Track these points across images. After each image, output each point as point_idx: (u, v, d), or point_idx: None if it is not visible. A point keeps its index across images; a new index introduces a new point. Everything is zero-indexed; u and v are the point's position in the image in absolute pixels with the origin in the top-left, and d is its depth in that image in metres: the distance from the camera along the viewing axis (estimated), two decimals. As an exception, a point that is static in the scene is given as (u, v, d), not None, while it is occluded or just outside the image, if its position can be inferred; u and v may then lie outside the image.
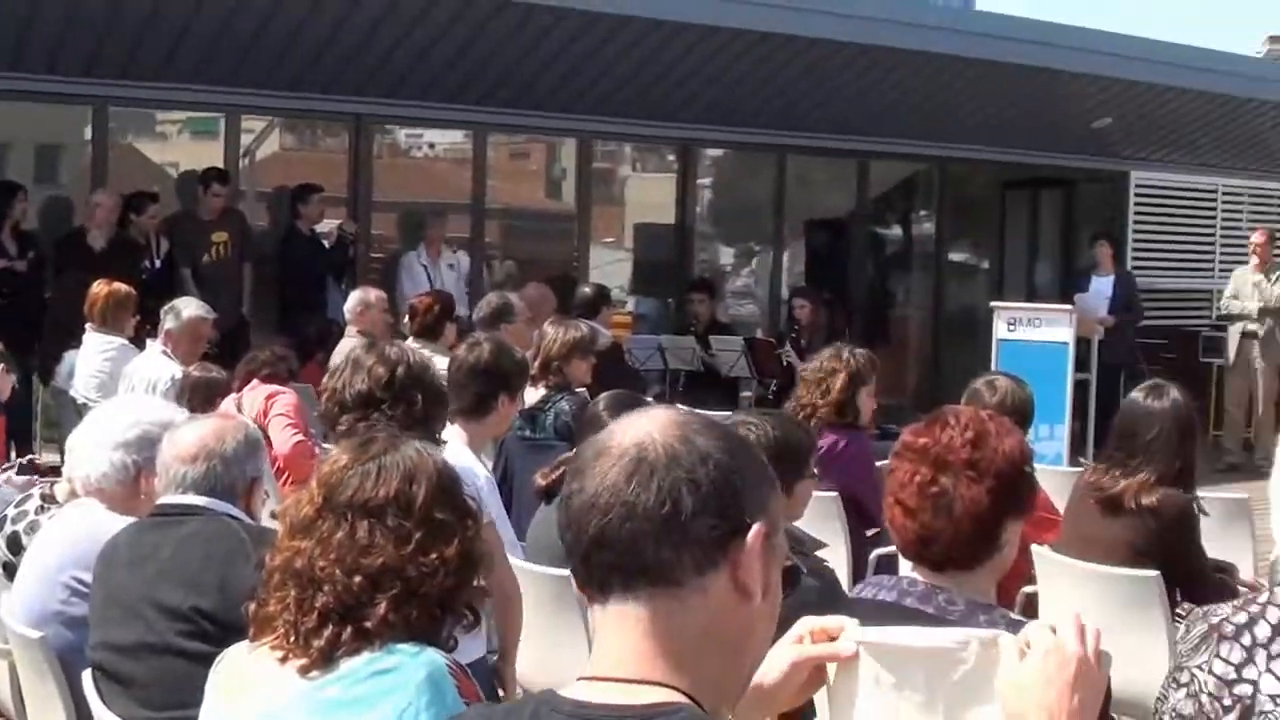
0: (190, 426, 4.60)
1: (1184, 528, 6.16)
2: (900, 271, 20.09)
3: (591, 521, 2.02)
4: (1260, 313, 16.10)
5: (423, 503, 3.29)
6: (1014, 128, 18.33)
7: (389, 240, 15.97)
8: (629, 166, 18.80)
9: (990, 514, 3.37)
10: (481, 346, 6.52)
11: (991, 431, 3.44)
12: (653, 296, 17.72)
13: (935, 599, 3.52)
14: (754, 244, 18.92)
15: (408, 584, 3.20)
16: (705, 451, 2.04)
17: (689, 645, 2.03)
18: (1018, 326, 14.14)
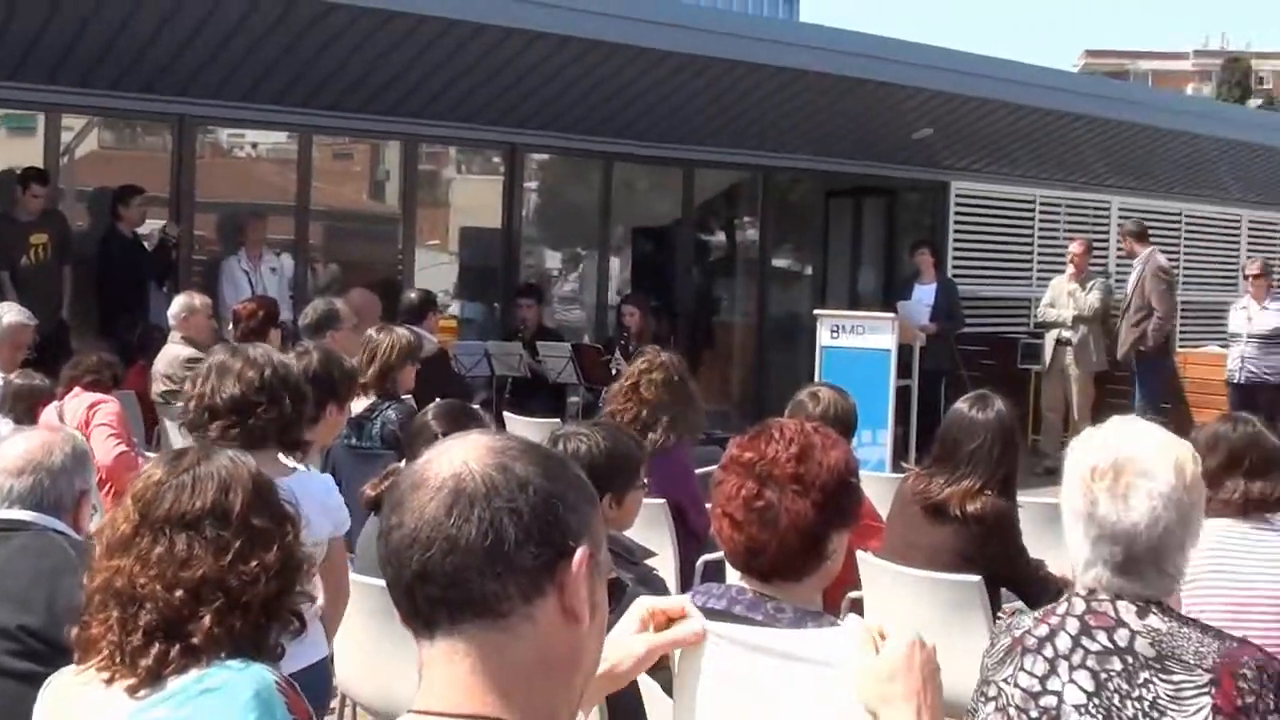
0: (16, 439, 4.52)
1: (1006, 533, 6.31)
2: (725, 278, 20.23)
3: (413, 557, 1.97)
4: (1075, 320, 16.48)
5: (239, 511, 3.27)
6: (837, 137, 18.55)
7: (212, 243, 15.72)
8: (454, 169, 18.74)
9: (815, 527, 3.40)
10: (310, 355, 6.50)
11: (816, 445, 3.48)
12: (479, 301, 17.64)
13: (763, 607, 3.57)
14: (580, 250, 18.94)
15: (230, 594, 3.18)
16: (524, 478, 2.00)
17: (520, 676, 2.00)
18: (840, 333, 14.34)
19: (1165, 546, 3.25)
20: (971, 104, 18.45)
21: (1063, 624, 3.31)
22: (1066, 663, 3.26)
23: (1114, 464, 3.28)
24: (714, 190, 19.95)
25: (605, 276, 18.17)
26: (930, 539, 6.34)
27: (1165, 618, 3.24)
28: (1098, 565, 3.28)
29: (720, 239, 20.63)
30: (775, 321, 19.60)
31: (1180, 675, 3.15)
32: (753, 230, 19.99)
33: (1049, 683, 3.27)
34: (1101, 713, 3.17)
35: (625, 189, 18.77)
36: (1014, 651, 3.37)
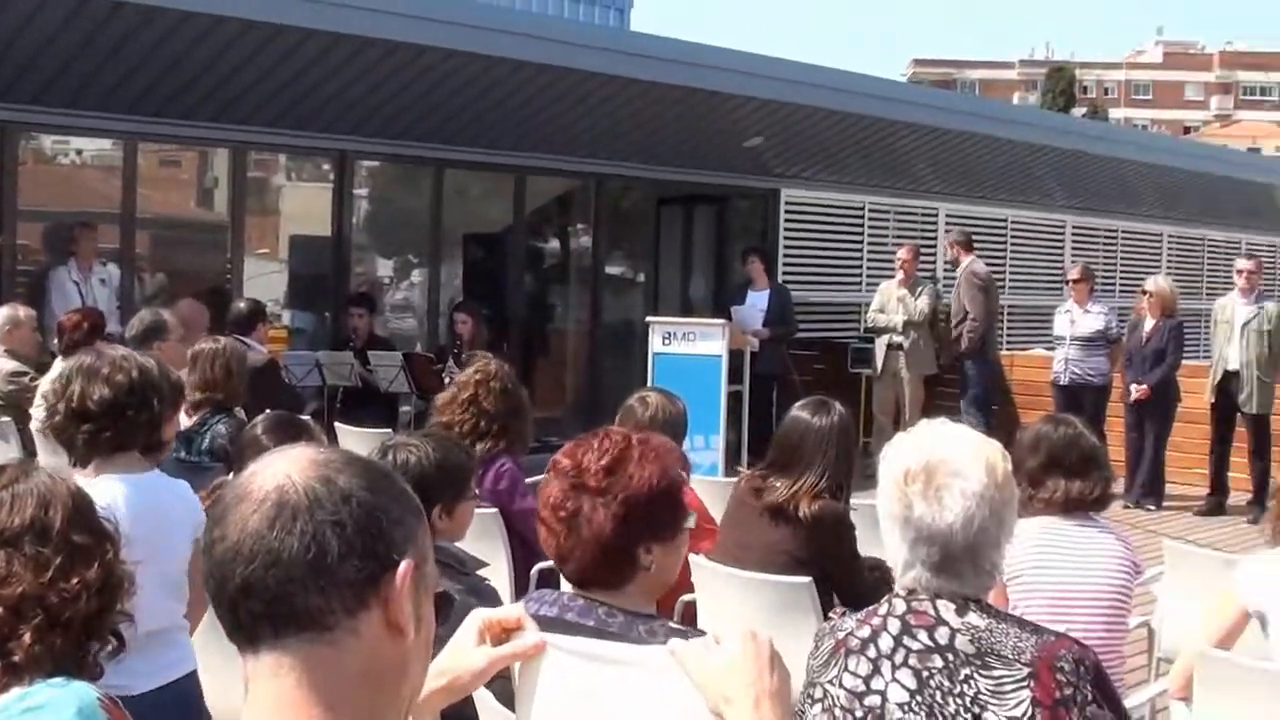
0: None
1: (841, 536, 6.40)
2: (558, 285, 20.21)
3: (236, 570, 1.95)
4: (905, 325, 16.70)
5: (60, 528, 3.23)
6: (668, 145, 18.64)
7: (36, 253, 15.41)
8: (284, 176, 18.54)
9: (617, 539, 3.42)
10: None
11: (632, 457, 3.50)
12: (309, 310, 17.45)
13: (594, 613, 3.60)
14: (412, 257, 18.82)
15: (50, 612, 3.14)
16: (347, 491, 1.99)
17: (345, 689, 1.99)
18: (672, 340, 14.43)
19: (981, 545, 3.32)
20: (801, 112, 18.62)
21: (884, 624, 3.37)
22: (889, 662, 3.31)
23: (926, 466, 3.34)
24: (546, 197, 19.93)
25: (437, 284, 18.07)
26: (765, 540, 6.41)
27: (984, 615, 3.30)
28: (916, 566, 3.34)
29: (553, 246, 20.61)
30: (608, 328, 19.63)
31: (1000, 670, 3.20)
32: (585, 237, 19.99)
33: (873, 682, 3.32)
34: (925, 710, 3.22)
35: (457, 196, 18.68)
36: (838, 653, 3.42)
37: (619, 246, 20.63)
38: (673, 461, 3.57)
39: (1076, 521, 5.76)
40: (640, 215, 20.50)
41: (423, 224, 17.97)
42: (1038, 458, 5.81)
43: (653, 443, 3.62)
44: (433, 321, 17.94)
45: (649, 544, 3.48)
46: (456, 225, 18.54)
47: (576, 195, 19.88)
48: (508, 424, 7.51)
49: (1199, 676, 5.05)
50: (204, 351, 8.48)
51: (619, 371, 18.87)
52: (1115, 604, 5.61)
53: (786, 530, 6.37)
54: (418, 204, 18.17)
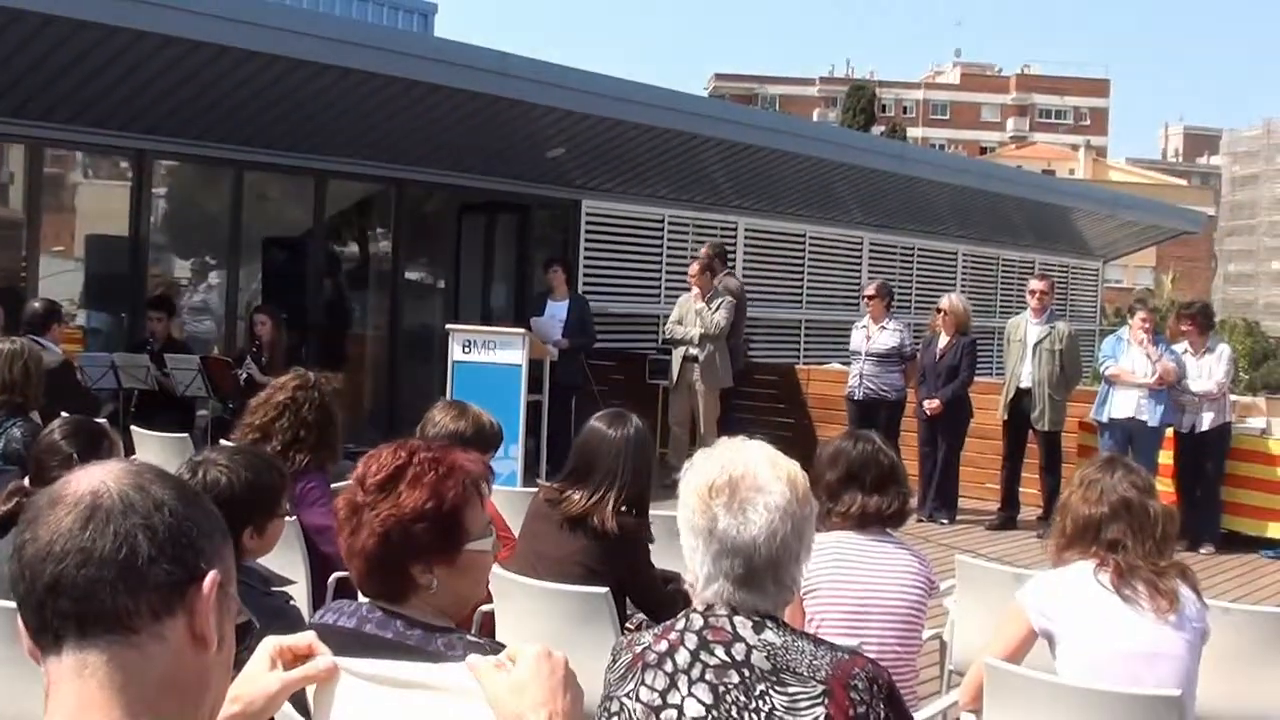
0: None
1: (637, 549, 6.44)
2: (358, 290, 20.09)
3: (47, 569, 1.98)
4: (701, 338, 16.81)
5: None
6: (471, 152, 18.62)
7: None
8: (80, 174, 18.23)
9: (382, 557, 3.45)
10: None
11: (405, 476, 3.51)
12: (105, 311, 17.17)
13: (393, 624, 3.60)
14: (210, 259, 18.59)
15: None
16: (160, 499, 2.03)
17: (147, 694, 2.01)
18: (472, 349, 14.41)
19: (782, 559, 3.37)
20: (603, 124, 18.73)
21: (682, 639, 3.40)
22: (686, 676, 3.34)
23: (729, 480, 3.39)
24: (347, 201, 19.82)
25: (235, 286, 17.87)
26: (561, 551, 6.43)
27: (780, 632, 3.34)
28: (719, 580, 3.38)
29: (353, 250, 20.50)
30: (408, 335, 19.55)
31: (795, 687, 3.25)
32: (386, 243, 19.91)
33: (669, 696, 3.34)
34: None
35: (256, 198, 18.52)
36: (635, 667, 3.44)
37: (420, 253, 20.57)
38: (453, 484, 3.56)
39: (872, 536, 5.86)
40: (442, 222, 20.45)
41: (222, 226, 17.78)
42: (836, 472, 5.90)
43: (444, 460, 3.61)
44: (231, 324, 17.74)
45: (425, 564, 3.49)
46: (256, 227, 18.36)
47: (377, 200, 19.78)
48: (323, 435, 7.43)
49: (988, 689, 5.17)
50: (1, 351, 8.30)
51: (418, 378, 18.82)
52: (909, 618, 5.71)
53: (583, 541, 6.40)
54: (217, 205, 17.98)
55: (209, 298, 18.18)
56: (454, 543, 3.54)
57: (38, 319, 11.74)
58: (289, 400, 7.38)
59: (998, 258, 29.50)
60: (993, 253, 29.34)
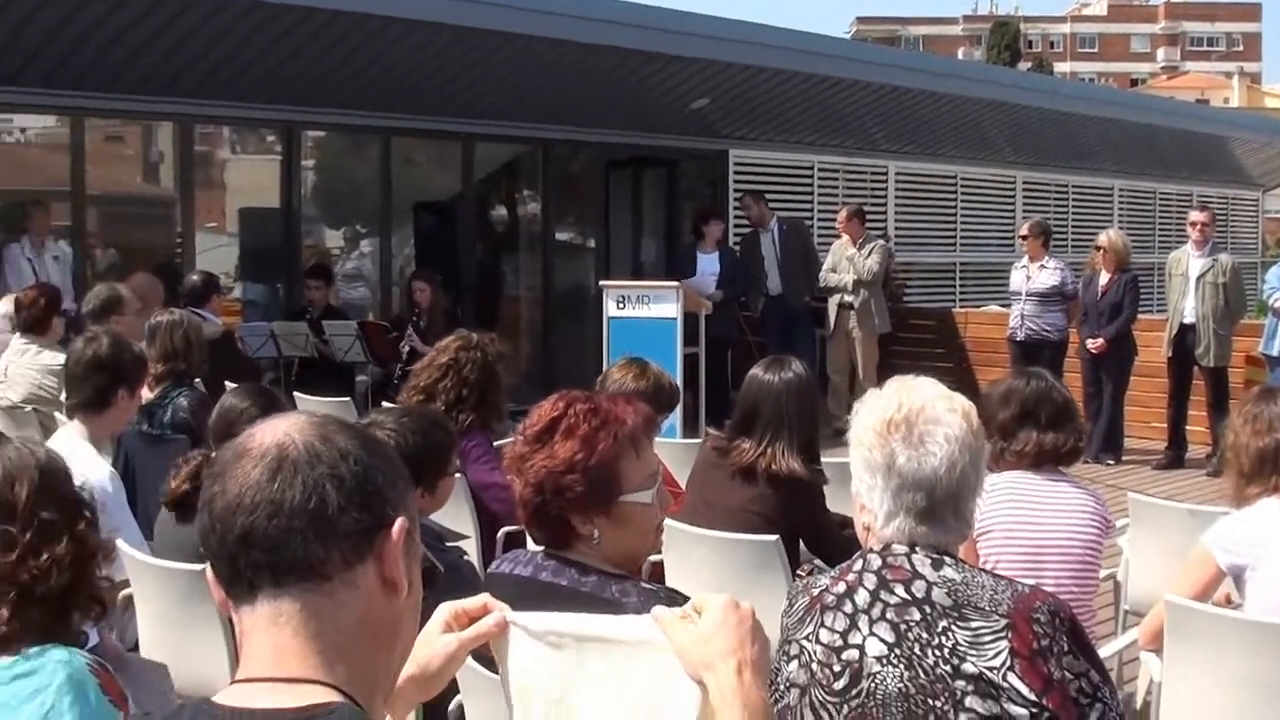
0: None
1: (813, 494, 6.41)
2: (509, 252, 20.19)
3: (238, 521, 2.02)
4: (855, 285, 16.74)
5: (24, 504, 3.24)
6: (615, 109, 18.62)
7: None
8: (229, 149, 18.49)
9: (538, 508, 3.50)
10: (100, 340, 6.42)
11: (558, 428, 3.55)
12: (261, 282, 17.45)
13: (567, 571, 3.64)
14: (361, 227, 18.78)
15: (22, 589, 3.16)
16: (345, 448, 2.07)
17: (341, 640, 2.05)
18: (626, 304, 14.44)
19: (962, 491, 3.35)
20: (747, 73, 18.65)
21: (860, 580, 3.38)
22: (866, 616, 3.33)
23: (905, 415, 3.37)
24: (495, 163, 19.92)
25: (388, 253, 18.04)
26: (733, 500, 6.42)
27: (959, 568, 3.31)
28: (900, 515, 3.36)
29: (502, 212, 20.61)
30: (560, 294, 19.64)
31: (977, 622, 3.23)
32: (534, 203, 20.00)
33: (850, 637, 3.33)
34: (903, 662, 3.24)
35: (405, 164, 18.67)
36: (813, 609, 3.43)
37: (569, 211, 20.64)
38: (606, 435, 3.58)
39: (1047, 476, 5.78)
40: (589, 180, 20.48)
41: (372, 193, 17.94)
42: (1009, 410, 5.81)
43: (600, 411, 3.63)
44: (385, 290, 17.92)
45: (583, 514, 3.52)
46: (406, 194, 18.51)
47: (524, 161, 19.87)
48: (485, 395, 7.50)
49: (1170, 627, 5.10)
50: (162, 323, 8.45)
51: (572, 337, 18.91)
52: (1086, 559, 5.64)
53: (757, 489, 6.38)
54: (366, 173, 18.15)
55: (362, 265, 18.36)
56: (608, 494, 3.57)
57: (197, 291, 11.94)
58: (452, 361, 7.48)
59: (1154, 191, 29.03)
60: (1149, 186, 28.88)
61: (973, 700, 3.17)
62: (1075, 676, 3.22)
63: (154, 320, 8.64)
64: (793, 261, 17.34)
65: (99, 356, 6.24)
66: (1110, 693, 3.26)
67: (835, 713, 3.30)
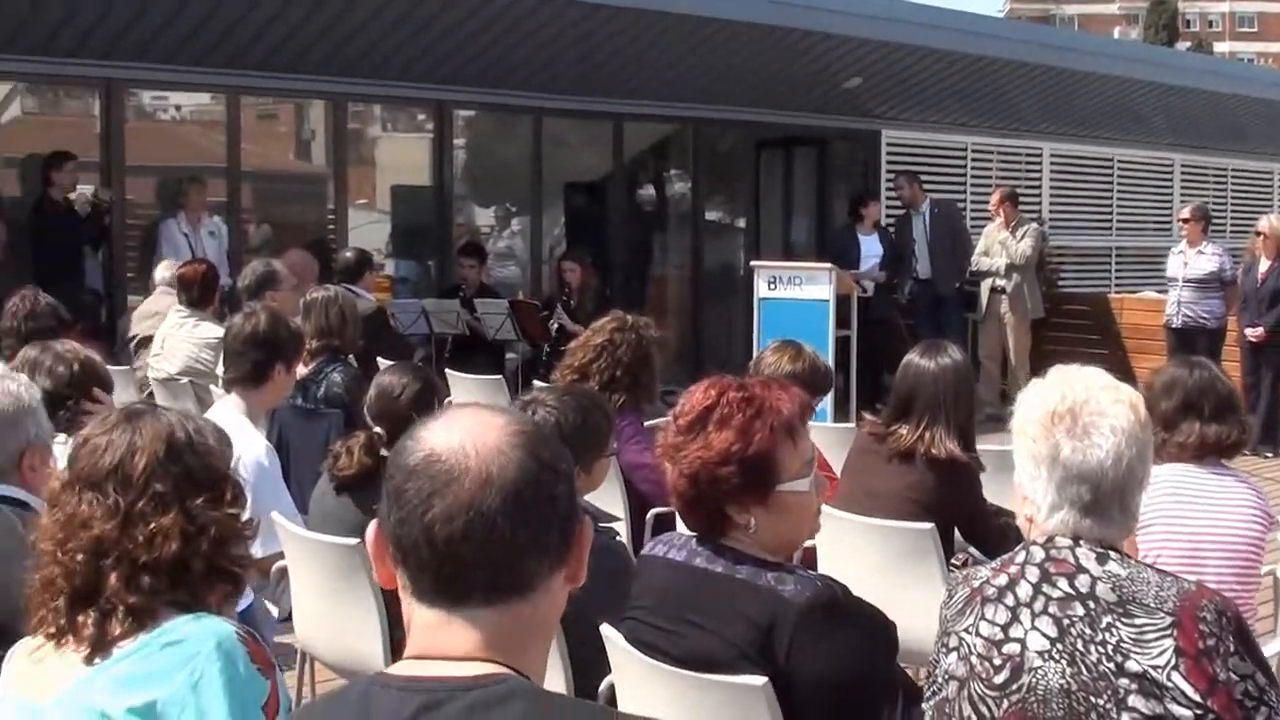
0: None
1: (971, 479, 6.35)
2: (659, 232, 20.19)
3: (453, 542, 2.06)
4: (1007, 269, 16.59)
5: (140, 474, 3.25)
6: (766, 88, 18.55)
7: (143, 207, 15.56)
8: (380, 127, 18.65)
9: (694, 498, 3.51)
10: (258, 315, 6.50)
11: (712, 418, 3.53)
12: (412, 260, 17.61)
13: (722, 558, 3.63)
14: (512, 206, 18.86)
15: (128, 556, 3.17)
16: (551, 463, 2.12)
17: (524, 634, 2.12)
18: (778, 285, 14.38)
19: (1128, 484, 3.30)
20: (900, 52, 18.50)
21: (1022, 572, 3.34)
22: (1028, 610, 3.29)
23: (1070, 407, 3.32)
24: (645, 143, 19.92)
25: (539, 232, 18.13)
26: (890, 486, 6.37)
27: (1124, 563, 3.27)
28: (1064, 508, 3.31)
29: (651, 193, 20.61)
30: (710, 274, 19.62)
31: (1142, 618, 3.18)
32: (684, 183, 19.99)
33: (1011, 630, 3.30)
34: (1066, 657, 3.20)
35: (555, 144, 18.71)
36: (973, 601, 3.40)
37: (718, 191, 20.61)
38: (762, 425, 3.56)
39: (1210, 469, 5.65)
40: (739, 159, 20.42)
41: (523, 172, 18.02)
42: (1172, 400, 5.68)
43: (754, 400, 3.60)
44: (536, 269, 18.00)
45: (739, 504, 3.50)
46: (556, 173, 18.57)
47: (674, 141, 19.87)
48: (638, 376, 7.51)
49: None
50: (317, 299, 8.55)
51: (721, 318, 18.91)
52: (1249, 555, 5.51)
53: (915, 475, 6.32)
54: (517, 153, 18.23)
55: (513, 244, 18.44)
56: (764, 484, 3.56)
57: (351, 268, 12.02)
58: (607, 342, 7.49)
59: (1317, 176, 28.47)
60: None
61: (1136, 699, 3.13)
62: (1241, 678, 3.17)
63: (309, 296, 8.74)
64: (943, 245, 17.22)
65: (257, 332, 6.32)
66: (1277, 696, 3.20)
67: (995, 707, 3.27)
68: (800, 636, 3.59)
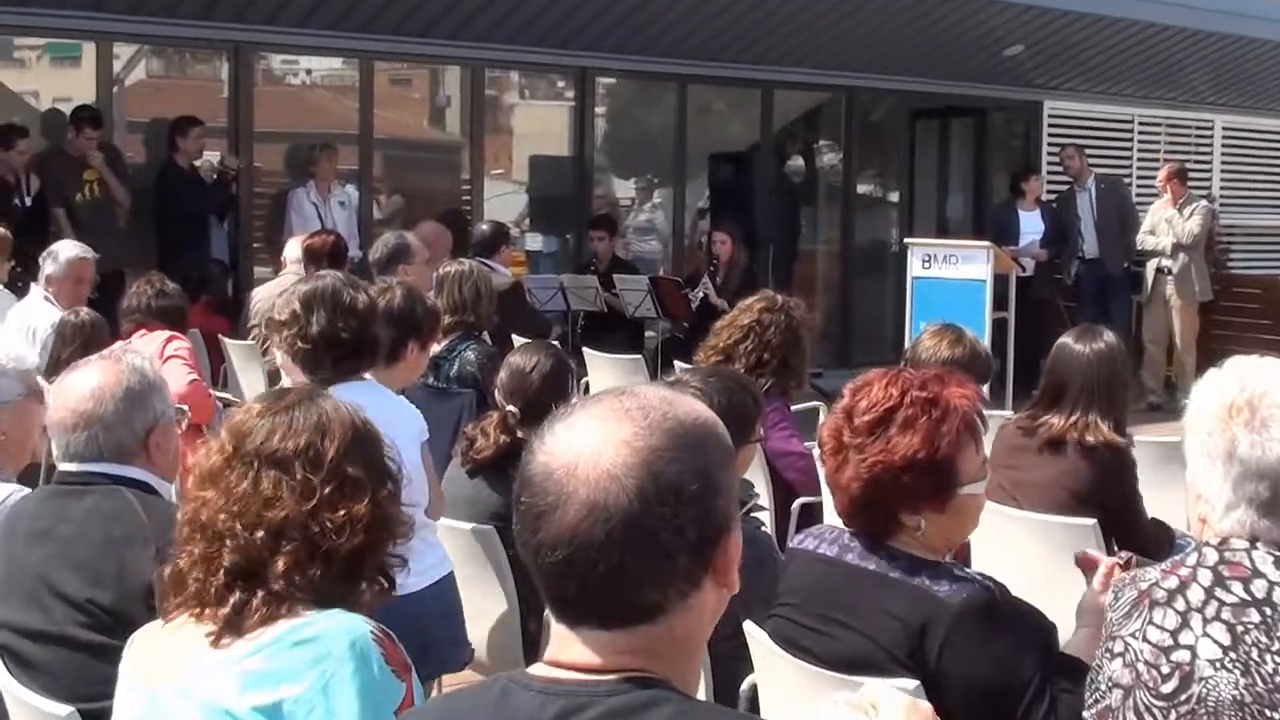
0: (66, 391, 4.36)
1: (1123, 473, 6.24)
2: (807, 205, 20.05)
3: (555, 574, 2.04)
4: (1174, 249, 16.33)
5: (333, 457, 3.25)
6: (923, 56, 18.39)
7: (271, 174, 15.66)
8: (517, 94, 18.67)
9: (867, 500, 3.45)
10: (393, 291, 6.50)
11: (896, 420, 3.48)
12: (550, 233, 17.62)
13: (876, 556, 3.58)
14: (654, 178, 18.85)
15: (310, 541, 3.17)
16: (677, 484, 2.04)
17: (661, 648, 2.08)
18: (933, 263, 14.24)
19: None
20: (1065, 19, 18.26)
21: (1194, 575, 3.25)
22: (1200, 615, 3.20)
23: (1249, 400, 3.23)
24: (794, 113, 19.85)
25: (681, 205, 18.10)
26: (1043, 476, 6.28)
27: (1304, 569, 3.19)
28: (1241, 507, 3.22)
29: (801, 164, 20.51)
30: (861, 251, 19.52)
31: (1324, 628, 3.07)
32: (835, 154, 19.89)
33: (1181, 636, 3.21)
34: (1239, 667, 3.11)
35: (701, 113, 18.68)
36: (1140, 605, 3.32)
37: (871, 163, 20.51)
38: (948, 428, 3.51)
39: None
40: (893, 130, 20.32)
41: (666, 143, 18.00)
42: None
43: (939, 400, 3.55)
44: (677, 244, 17.98)
45: (913, 508, 3.45)
46: (701, 143, 18.52)
47: (826, 110, 19.78)
48: (787, 360, 7.45)
49: None
50: (451, 274, 8.53)
51: (872, 296, 18.83)
52: None
53: (1068, 463, 6.23)
54: (660, 122, 18.23)
55: (654, 217, 18.41)
56: (946, 490, 3.53)
57: (486, 241, 12.04)
58: (755, 323, 7.42)
59: None
60: None
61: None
62: None
63: (442, 270, 8.73)
64: (1110, 222, 16.99)
65: (391, 308, 6.31)
66: None
67: (1162, 717, 3.19)
68: (954, 639, 3.57)
